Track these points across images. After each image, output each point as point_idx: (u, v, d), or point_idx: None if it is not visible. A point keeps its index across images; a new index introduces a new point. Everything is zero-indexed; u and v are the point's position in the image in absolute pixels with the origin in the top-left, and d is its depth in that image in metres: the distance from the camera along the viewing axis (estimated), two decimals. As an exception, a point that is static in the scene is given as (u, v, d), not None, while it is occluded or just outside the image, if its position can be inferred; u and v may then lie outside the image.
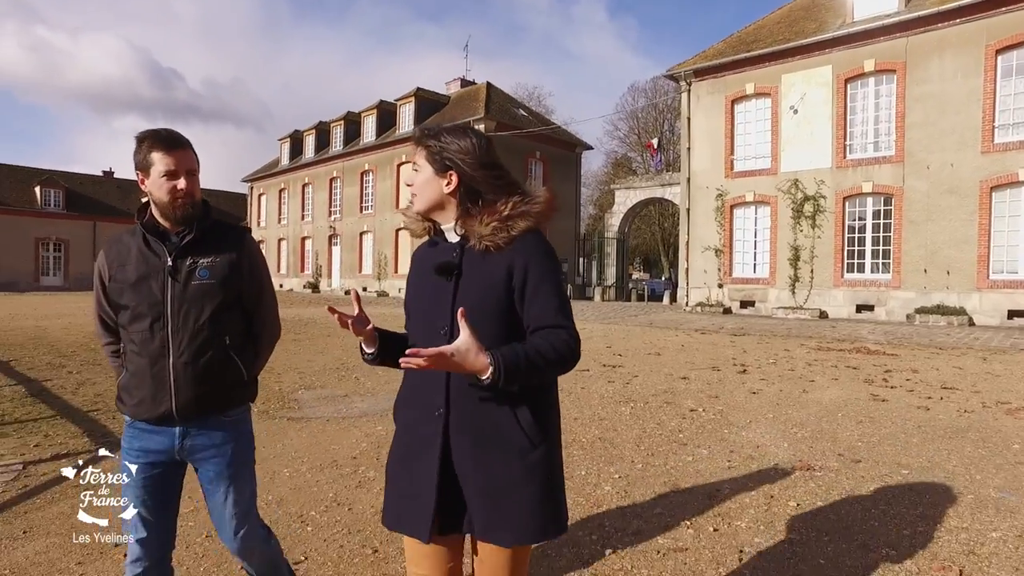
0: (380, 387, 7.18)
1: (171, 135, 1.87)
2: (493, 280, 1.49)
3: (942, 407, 5.95)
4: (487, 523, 1.48)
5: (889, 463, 4.20)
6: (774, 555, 2.84)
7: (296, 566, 2.82)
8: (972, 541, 2.97)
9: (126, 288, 1.88)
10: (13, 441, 5.26)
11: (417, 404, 1.58)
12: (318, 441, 4.97)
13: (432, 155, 1.57)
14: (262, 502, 3.64)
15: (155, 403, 1.86)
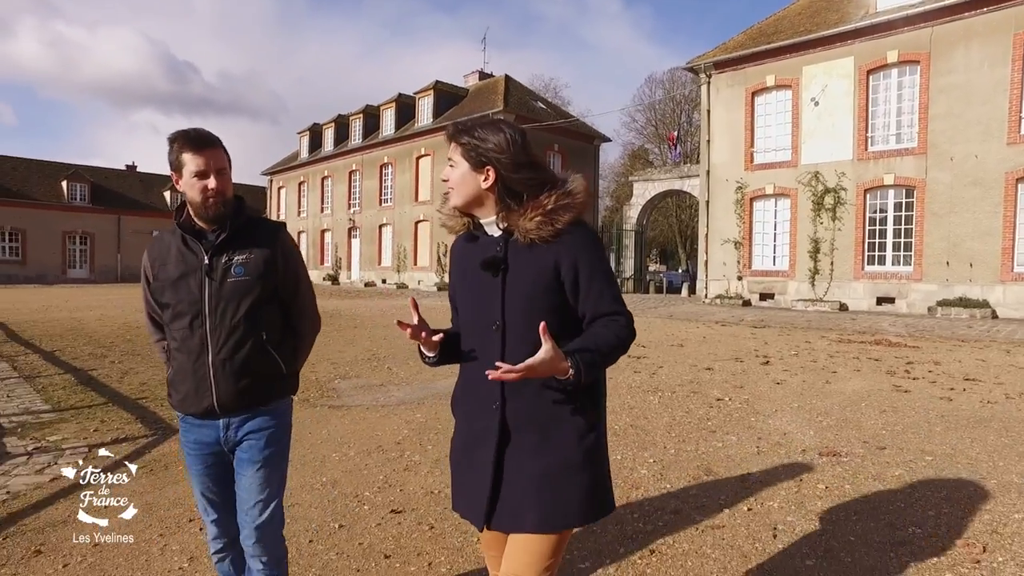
0: (414, 377, 7.44)
1: (200, 135, 1.89)
2: (541, 274, 1.53)
3: (965, 398, 6.07)
4: (545, 510, 1.51)
5: (913, 450, 4.36)
6: (806, 532, 3.03)
7: (359, 544, 3.06)
8: (995, 522, 3.14)
9: (167, 287, 1.94)
10: (73, 426, 5.57)
11: (474, 398, 1.63)
12: (361, 428, 5.22)
13: (468, 151, 1.58)
14: (317, 483, 3.90)
15: (198, 398, 1.92)
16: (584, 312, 1.55)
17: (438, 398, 6.23)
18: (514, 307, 1.54)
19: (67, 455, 4.77)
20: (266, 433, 1.97)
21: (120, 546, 3.09)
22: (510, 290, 1.55)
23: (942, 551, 2.82)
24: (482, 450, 1.58)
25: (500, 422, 1.56)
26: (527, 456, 1.54)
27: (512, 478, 1.55)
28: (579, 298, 1.54)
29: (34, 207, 38.63)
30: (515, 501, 1.54)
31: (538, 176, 1.56)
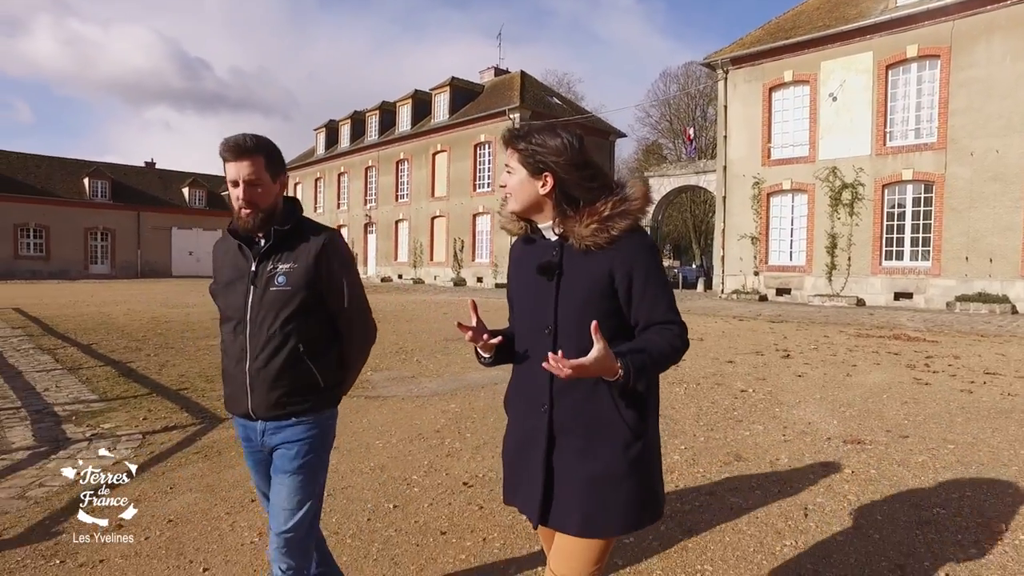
0: (443, 369, 7.67)
1: (236, 143, 1.84)
2: (596, 280, 1.54)
3: (985, 390, 6.20)
4: (586, 518, 1.53)
5: (935, 439, 4.53)
6: (835, 511, 3.22)
7: (414, 522, 3.28)
8: (1016, 504, 3.31)
9: (220, 290, 2.00)
10: (123, 415, 5.85)
11: (525, 398, 1.65)
12: (399, 417, 5.46)
13: (526, 157, 1.58)
14: (365, 468, 4.13)
15: (236, 402, 1.96)
16: (637, 319, 1.55)
17: (470, 389, 6.46)
18: (567, 312, 1.55)
19: (123, 441, 5.05)
20: (300, 444, 1.94)
21: (194, 522, 3.34)
22: (564, 295, 1.56)
23: (966, 530, 3.00)
24: (533, 450, 1.61)
25: (548, 424, 1.58)
26: (574, 459, 1.56)
27: (562, 479, 1.57)
28: (632, 305, 1.54)
29: (57, 204, 39.36)
30: (564, 502, 1.56)
31: (596, 183, 1.57)
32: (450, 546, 2.98)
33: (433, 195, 31.71)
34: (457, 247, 30.12)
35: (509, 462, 1.73)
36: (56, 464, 4.53)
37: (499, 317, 1.87)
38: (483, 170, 29.31)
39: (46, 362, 8.80)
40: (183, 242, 44.81)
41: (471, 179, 29.55)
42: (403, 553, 2.92)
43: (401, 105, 34.10)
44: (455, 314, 14.61)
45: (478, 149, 29.36)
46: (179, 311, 16.56)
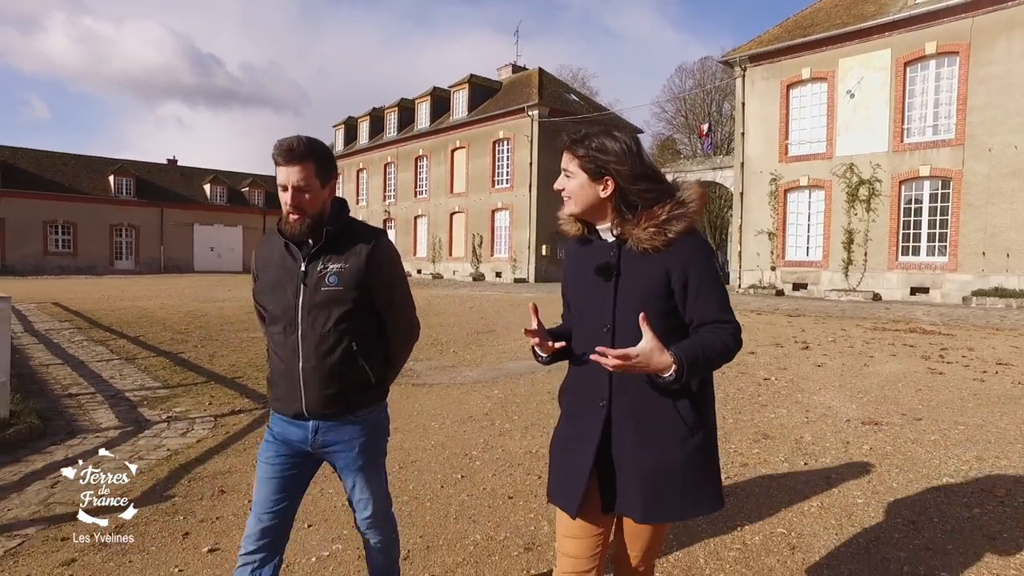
0: (481, 359, 8.13)
1: (287, 148, 1.86)
2: (653, 281, 1.59)
3: (997, 379, 6.55)
4: (646, 504, 1.59)
5: (947, 421, 4.92)
6: (855, 480, 3.64)
7: (483, 489, 3.73)
8: (1018, 474, 3.71)
9: (266, 290, 1.99)
10: (189, 400, 6.36)
11: (581, 393, 1.70)
12: (447, 402, 5.92)
13: (586, 162, 1.62)
14: (427, 446, 4.60)
15: (289, 402, 1.96)
16: (692, 318, 1.60)
17: (509, 377, 6.92)
18: (625, 311, 1.59)
19: (198, 423, 5.55)
20: (359, 443, 2.00)
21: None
22: (622, 295, 1.61)
23: (971, 494, 3.41)
24: (585, 443, 1.65)
25: (605, 419, 1.62)
26: (630, 452, 1.60)
27: (619, 471, 1.62)
28: (687, 304, 1.58)
29: (84, 201, 40.34)
30: (623, 493, 1.62)
31: (654, 186, 1.61)
32: (519, 508, 3.43)
33: (452, 191, 32.18)
34: (476, 242, 30.58)
35: (556, 457, 1.77)
36: (146, 442, 5.05)
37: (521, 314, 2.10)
38: (502, 167, 29.72)
39: (102, 352, 9.37)
40: (205, 238, 45.69)
41: (490, 175, 29.98)
42: (478, 514, 3.37)
43: (420, 102, 34.58)
44: (480, 308, 15.06)
45: (497, 146, 29.77)
46: (212, 305, 17.16)
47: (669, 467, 1.58)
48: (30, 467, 4.38)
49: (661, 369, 1.46)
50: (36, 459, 4.55)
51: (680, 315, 1.60)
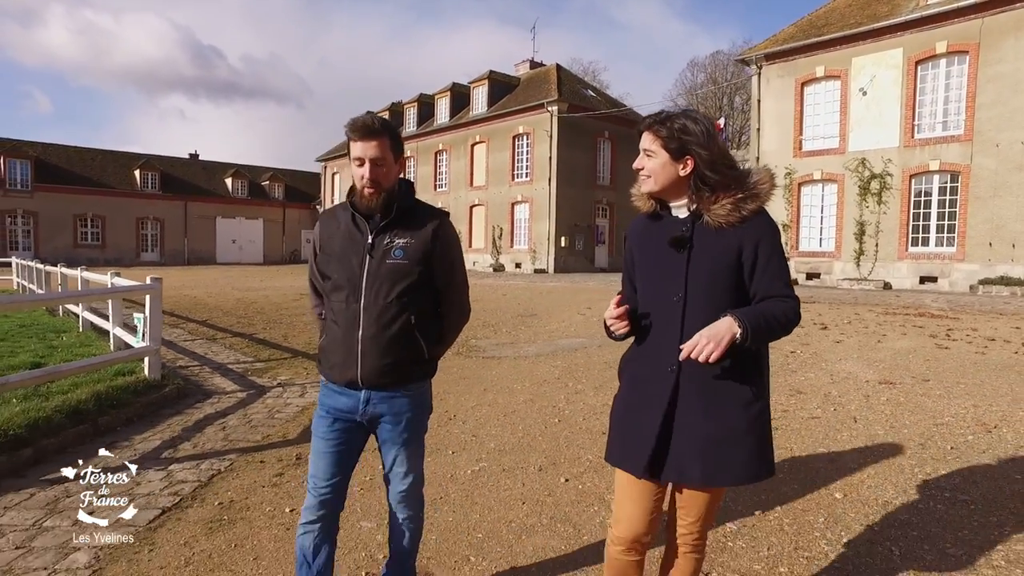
0: (534, 337, 9.11)
1: (364, 123, 1.95)
2: (726, 254, 1.69)
3: (996, 352, 7.47)
4: (708, 469, 1.68)
5: (950, 382, 5.86)
6: (875, 420, 4.61)
7: (580, 428, 4.69)
8: (1006, 415, 4.68)
9: (332, 260, 2.06)
10: (288, 371, 7.30)
11: (649, 361, 1.78)
12: (519, 371, 6.89)
13: (669, 142, 1.71)
14: (519, 401, 5.55)
15: (344, 369, 2.01)
16: (756, 291, 1.70)
17: (566, 352, 7.89)
18: (696, 282, 1.70)
19: (308, 387, 6.53)
20: (406, 417, 2.08)
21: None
22: (694, 266, 1.71)
23: (968, 429, 4.38)
24: (653, 408, 1.73)
25: (674, 385, 1.71)
26: (696, 418, 1.69)
27: (681, 436, 1.71)
28: (755, 277, 1.69)
29: (112, 195, 41.54)
30: (684, 456, 1.70)
31: (730, 167, 1.72)
32: (611, 438, 4.40)
33: (472, 184, 33.10)
34: (496, 234, 31.52)
35: (619, 422, 1.87)
36: (273, 401, 6.02)
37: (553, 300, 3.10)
38: (521, 161, 30.59)
39: (182, 334, 10.37)
40: (227, 231, 46.84)
41: (509, 169, 30.86)
42: (582, 443, 4.35)
43: (439, 97, 35.45)
44: (513, 296, 16.01)
45: (516, 140, 30.63)
46: (256, 293, 18.17)
47: (733, 432, 1.68)
48: (194, 416, 5.39)
49: (730, 335, 1.57)
50: (193, 412, 5.56)
51: (745, 290, 1.71)
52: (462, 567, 2.71)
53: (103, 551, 2.94)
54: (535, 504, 3.33)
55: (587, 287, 18.53)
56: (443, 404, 5.42)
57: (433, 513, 3.24)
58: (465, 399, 5.60)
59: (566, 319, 11.15)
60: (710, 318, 1.64)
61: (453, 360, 7.45)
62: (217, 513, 3.35)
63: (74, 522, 3.28)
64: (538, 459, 4.02)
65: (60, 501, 3.53)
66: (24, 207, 38.52)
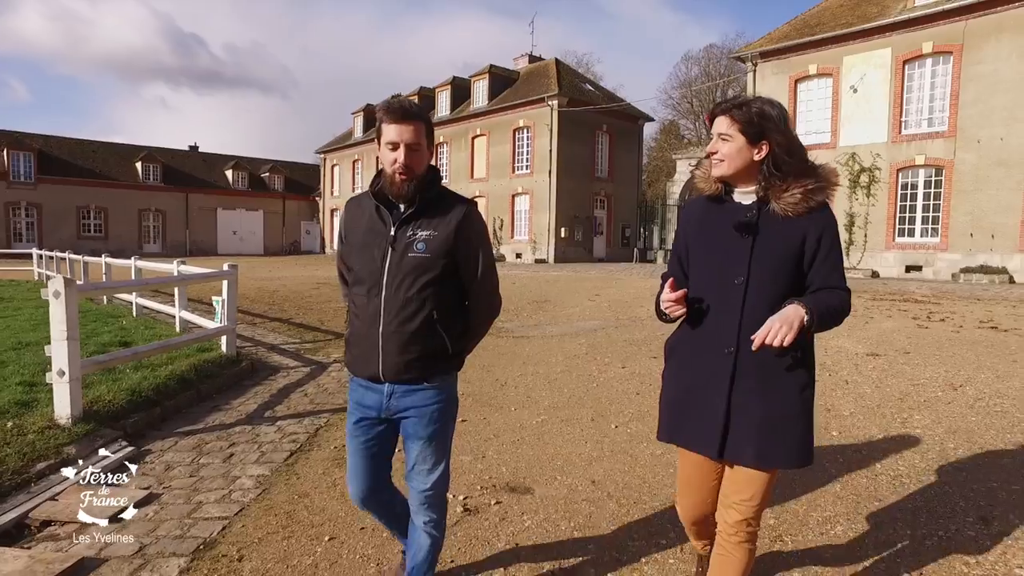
0: (555, 320, 9.97)
1: (402, 106, 1.89)
2: (791, 242, 1.70)
3: (969, 331, 8.42)
4: (763, 450, 1.72)
5: (928, 354, 6.79)
6: (865, 382, 5.51)
7: (615, 390, 5.56)
8: (970, 377, 5.61)
9: (354, 251, 2.02)
10: (335, 350, 8.04)
11: (704, 344, 1.79)
12: (550, 348, 7.74)
13: (747, 126, 1.71)
14: (557, 370, 6.40)
15: (366, 363, 1.99)
16: (813, 280, 1.73)
17: (588, 332, 8.76)
18: (760, 266, 1.72)
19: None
20: (430, 410, 2.02)
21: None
22: (759, 251, 1.72)
23: (939, 388, 5.30)
24: (712, 391, 1.77)
25: (732, 365, 1.73)
26: (753, 399, 1.72)
27: (738, 416, 1.74)
28: (814, 266, 1.72)
29: (114, 187, 41.94)
30: (739, 436, 1.74)
31: (801, 155, 1.75)
32: (646, 399, 5.27)
33: (472, 176, 33.81)
34: (497, 225, 32.30)
35: (675, 401, 1.90)
36: (338, 374, 6.82)
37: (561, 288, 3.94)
38: (522, 153, 31.35)
39: (225, 319, 11.09)
40: (227, 222, 47.33)
41: (510, 162, 31.61)
42: (622, 402, 5.21)
43: (440, 90, 36.08)
44: (523, 284, 16.85)
45: (517, 133, 31.36)
46: (274, 283, 18.86)
47: (790, 414, 1.72)
48: (274, 386, 6.20)
49: (799, 321, 1.60)
50: (270, 383, 6.36)
51: (803, 278, 1.75)
52: (553, 481, 3.56)
53: (261, 478, 3.77)
54: (595, 443, 4.19)
55: (590, 276, 19.39)
56: (492, 374, 6.28)
57: (515, 449, 4.10)
58: (510, 370, 6.46)
59: (579, 304, 12.02)
60: (769, 303, 1.69)
61: (487, 340, 8.23)
62: (337, 453, 4.17)
63: (224, 459, 4.12)
64: (588, 412, 4.88)
65: (203, 446, 4.35)
66: (28, 199, 38.89)
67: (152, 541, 2.97)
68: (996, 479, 3.46)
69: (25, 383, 5.17)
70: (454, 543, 2.83)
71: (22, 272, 22.35)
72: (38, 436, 4.01)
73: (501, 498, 3.33)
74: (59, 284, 4.29)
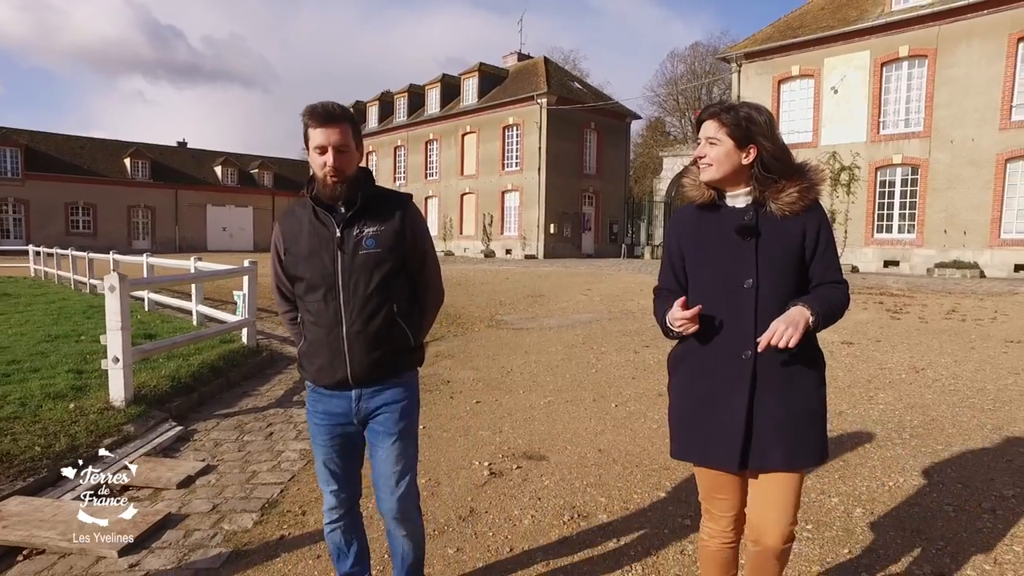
0: (550, 313, 10.51)
1: (325, 109, 1.88)
2: (792, 240, 1.76)
3: (935, 321, 9.07)
4: (788, 451, 1.74)
5: (896, 341, 7.42)
6: (839, 366, 6.11)
7: (613, 376, 6.09)
8: (932, 362, 6.22)
9: (300, 261, 1.97)
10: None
11: (717, 351, 1.78)
12: (548, 338, 8.26)
13: (735, 130, 1.75)
14: (557, 359, 6.92)
15: (332, 370, 1.96)
16: (813, 275, 1.78)
17: (582, 324, 9.30)
18: (767, 267, 1.74)
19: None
20: (400, 406, 2.04)
21: (486, 363, 6.16)
22: (763, 252, 1.75)
23: (903, 371, 5.90)
24: (732, 398, 1.75)
25: (752, 370, 1.73)
26: (774, 400, 1.74)
27: (759, 421, 1.74)
28: (813, 263, 1.78)
29: (103, 183, 41.78)
30: (764, 442, 1.73)
31: (789, 158, 1.78)
32: (641, 381, 5.81)
33: (462, 173, 34.24)
34: (486, 222, 32.77)
35: (687, 414, 1.86)
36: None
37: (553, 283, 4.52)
38: (511, 151, 31.81)
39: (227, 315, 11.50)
40: (217, 218, 47.30)
41: (500, 159, 32.07)
42: (619, 385, 5.74)
43: (430, 88, 36.42)
44: (515, 280, 17.36)
45: (506, 131, 31.82)
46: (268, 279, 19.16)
47: (811, 411, 1.75)
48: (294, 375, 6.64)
49: (804, 321, 1.63)
50: (291, 372, 6.81)
51: (806, 275, 1.78)
52: (564, 450, 4.09)
53: (303, 451, 4.25)
54: (599, 419, 4.73)
55: (580, 271, 19.94)
56: (497, 362, 6.79)
57: (528, 425, 4.62)
58: (513, 359, 6.97)
59: (572, 299, 12.56)
60: (780, 303, 1.72)
61: (488, 331, 8.81)
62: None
63: (265, 436, 4.59)
64: (590, 394, 5.41)
65: (243, 426, 4.82)
66: (15, 195, 38.68)
67: (222, 501, 3.46)
68: (941, 443, 4.05)
69: (73, 371, 5.61)
70: (485, 499, 3.35)
71: (16, 269, 22.47)
72: (99, 416, 4.47)
73: (520, 464, 3.84)
74: (114, 280, 4.74)
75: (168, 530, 3.11)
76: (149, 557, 2.85)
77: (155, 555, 2.87)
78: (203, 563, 2.79)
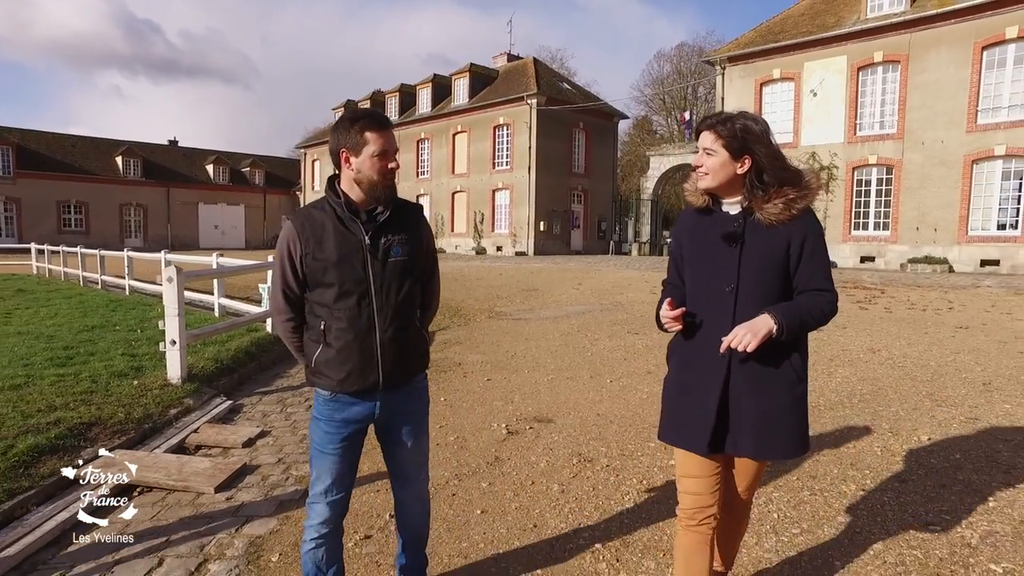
0: (545, 306, 11.24)
1: (381, 116, 1.98)
2: (776, 249, 1.83)
3: (900, 312, 9.91)
4: (759, 443, 1.89)
5: (863, 329, 8.22)
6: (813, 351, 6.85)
7: (609, 357, 6.83)
8: (888, 344, 7.02)
9: (330, 267, 1.96)
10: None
11: (701, 346, 1.92)
12: (545, 327, 8.98)
13: (730, 141, 1.82)
14: (556, 343, 7.64)
15: (363, 375, 1.99)
16: (798, 283, 1.87)
17: (576, 315, 10.03)
18: (748, 273, 1.85)
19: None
20: (421, 406, 2.19)
21: (502, 341, 6.88)
22: (746, 259, 1.85)
23: (861, 352, 6.69)
24: (708, 389, 1.90)
25: (727, 367, 1.86)
26: (745, 397, 1.87)
27: (735, 413, 1.89)
28: (798, 270, 1.86)
29: (95, 181, 41.93)
30: (738, 432, 1.90)
31: (784, 167, 1.86)
32: (632, 362, 6.55)
33: (453, 172, 34.86)
34: (477, 219, 33.44)
35: (673, 403, 2.03)
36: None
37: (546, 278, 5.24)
38: (502, 150, 32.49)
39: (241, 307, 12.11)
40: (209, 216, 47.58)
41: (490, 158, 32.73)
42: (612, 365, 6.48)
43: (421, 88, 36.99)
44: (508, 275, 18.07)
45: (497, 131, 32.48)
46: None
47: (781, 410, 1.87)
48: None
49: (766, 330, 1.74)
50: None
51: (791, 280, 1.87)
52: (568, 415, 4.81)
53: (342, 419, 4.94)
54: (596, 391, 5.46)
55: (570, 267, 20.68)
56: (502, 347, 7.50)
57: (535, 396, 5.34)
58: (516, 344, 7.69)
59: (564, 292, 13.30)
60: (760, 307, 1.81)
61: (489, 321, 9.51)
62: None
63: (306, 409, 5.27)
64: (587, 372, 6.15)
65: (284, 401, 5.50)
66: (7, 194, 38.78)
67: (284, 455, 4.14)
68: (882, 405, 4.84)
69: (127, 354, 6.25)
70: (506, 450, 4.07)
71: (16, 267, 22.81)
72: (160, 391, 5.13)
73: (532, 425, 4.57)
74: (172, 272, 5.40)
75: (247, 476, 3.79)
76: (239, 493, 3.54)
77: (243, 491, 3.56)
78: (285, 496, 3.49)
